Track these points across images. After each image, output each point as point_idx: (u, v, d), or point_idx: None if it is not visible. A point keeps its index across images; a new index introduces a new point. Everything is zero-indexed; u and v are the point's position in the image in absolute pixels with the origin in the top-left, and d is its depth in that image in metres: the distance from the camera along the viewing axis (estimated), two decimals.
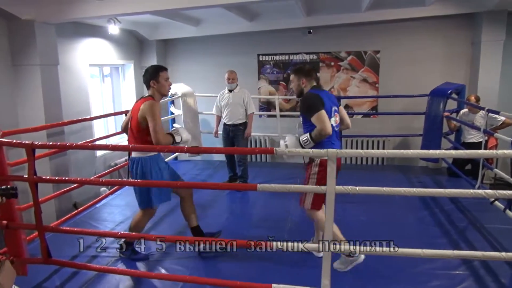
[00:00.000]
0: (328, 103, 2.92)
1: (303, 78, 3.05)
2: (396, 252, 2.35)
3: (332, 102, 3.01)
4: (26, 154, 2.72)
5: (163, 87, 3.17)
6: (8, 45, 4.83)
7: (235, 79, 5.09)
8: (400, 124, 7.05)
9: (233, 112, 5.09)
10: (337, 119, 3.01)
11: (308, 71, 3.06)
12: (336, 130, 3.01)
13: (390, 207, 4.34)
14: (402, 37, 6.97)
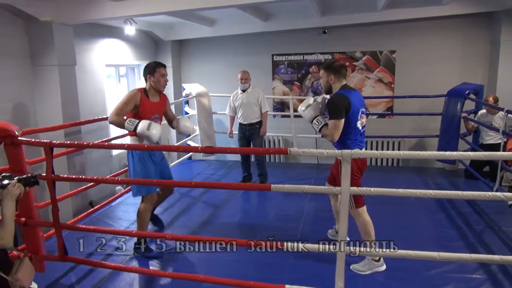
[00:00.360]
0: (356, 105, 2.91)
1: (332, 74, 3.01)
2: (411, 254, 2.32)
3: (361, 103, 3.00)
4: (44, 152, 2.78)
5: (158, 83, 3.34)
6: (28, 46, 4.93)
7: (248, 79, 5.12)
8: (416, 125, 6.96)
9: (248, 112, 5.12)
10: (364, 121, 3.00)
11: (337, 68, 3.02)
12: (362, 131, 3.02)
13: (405, 209, 4.29)
14: (418, 37, 6.87)
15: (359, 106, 2.94)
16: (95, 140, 5.34)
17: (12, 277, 2.07)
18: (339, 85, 3.01)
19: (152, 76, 3.33)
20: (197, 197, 4.83)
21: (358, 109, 2.93)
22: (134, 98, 3.25)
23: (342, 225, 2.36)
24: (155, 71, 3.32)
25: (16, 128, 2.71)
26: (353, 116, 2.90)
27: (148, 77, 3.36)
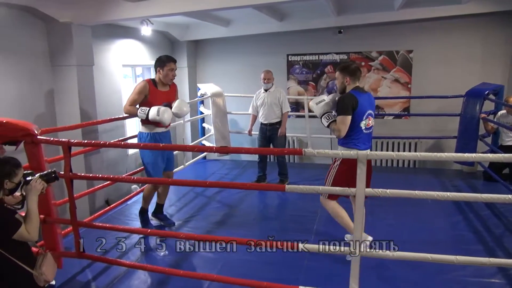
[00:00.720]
0: (364, 106, 3.03)
1: (348, 76, 3.12)
2: (428, 258, 2.28)
3: (370, 106, 3.10)
4: (62, 151, 2.83)
5: (166, 76, 3.59)
6: (47, 47, 5.04)
7: (271, 79, 5.14)
8: (433, 125, 6.85)
9: (268, 112, 5.15)
10: (370, 123, 3.10)
11: (353, 70, 3.14)
12: (366, 133, 3.10)
13: (422, 211, 4.22)
14: (436, 36, 6.76)
15: (367, 108, 3.06)
16: (111, 139, 5.42)
17: (37, 271, 2.14)
18: (352, 87, 3.12)
19: (162, 69, 3.58)
20: (212, 197, 4.85)
21: (365, 111, 3.05)
22: (143, 89, 3.53)
23: (357, 226, 2.34)
24: (165, 65, 3.56)
25: (35, 127, 2.77)
26: (358, 116, 3.02)
27: (158, 70, 3.60)
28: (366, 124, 3.07)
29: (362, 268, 2.38)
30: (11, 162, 2.13)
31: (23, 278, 2.11)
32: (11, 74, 4.57)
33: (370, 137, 3.18)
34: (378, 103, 7.23)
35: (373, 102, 3.22)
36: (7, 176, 2.09)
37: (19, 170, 2.15)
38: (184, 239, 3.37)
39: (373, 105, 3.17)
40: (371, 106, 3.12)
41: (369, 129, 3.12)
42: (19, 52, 4.66)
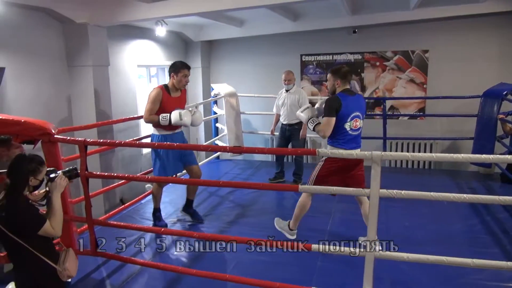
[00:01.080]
0: (349, 109, 3.13)
1: (339, 79, 3.24)
2: (444, 260, 2.24)
3: (357, 108, 3.19)
4: (79, 150, 2.87)
5: (179, 82, 3.67)
6: (64, 47, 5.12)
7: (292, 80, 5.16)
8: (449, 126, 6.74)
9: (288, 113, 5.18)
10: (356, 124, 3.19)
11: (344, 74, 3.24)
12: (353, 134, 3.21)
13: (438, 213, 4.16)
14: (453, 36, 6.65)
15: (353, 110, 3.14)
16: (126, 138, 5.48)
17: (60, 266, 2.19)
18: (341, 89, 3.24)
19: (176, 75, 3.66)
20: (225, 196, 4.87)
21: (350, 113, 3.14)
22: (158, 97, 3.62)
23: (371, 227, 2.32)
24: (179, 71, 3.65)
25: (52, 127, 2.81)
26: (341, 117, 3.12)
27: (172, 75, 3.68)
28: (352, 126, 3.17)
29: (375, 270, 2.35)
30: (35, 160, 2.17)
31: (47, 273, 2.16)
32: (29, 74, 4.67)
33: (358, 138, 3.27)
34: (393, 104, 7.15)
35: (363, 104, 3.30)
36: (32, 173, 2.13)
37: (43, 167, 2.20)
38: (197, 239, 3.38)
39: (361, 107, 3.25)
40: (359, 108, 3.20)
41: (356, 131, 3.21)
42: (37, 52, 4.75)
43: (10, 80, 4.44)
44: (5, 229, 2.03)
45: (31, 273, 2.12)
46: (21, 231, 2.06)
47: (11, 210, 2.04)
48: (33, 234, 2.08)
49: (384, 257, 2.38)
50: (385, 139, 6.15)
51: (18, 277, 2.18)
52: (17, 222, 2.05)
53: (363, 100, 3.36)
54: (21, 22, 4.53)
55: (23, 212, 2.07)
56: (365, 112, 3.34)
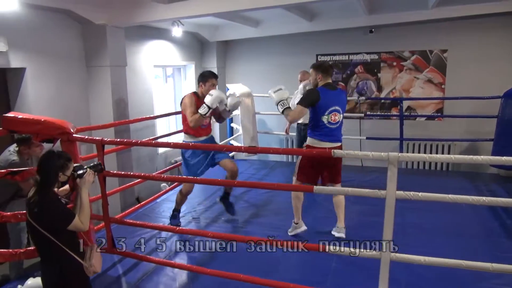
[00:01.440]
0: (328, 102, 3.30)
1: (320, 74, 3.42)
2: (462, 264, 2.20)
3: (336, 102, 3.35)
4: (96, 149, 2.92)
5: (207, 91, 3.74)
6: (83, 48, 5.21)
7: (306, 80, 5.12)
8: (468, 127, 6.61)
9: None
10: (335, 118, 3.35)
11: (326, 68, 3.44)
12: (331, 127, 3.36)
13: (455, 216, 4.08)
14: (472, 35, 6.52)
15: (331, 104, 3.31)
16: (142, 138, 5.54)
17: (87, 262, 2.23)
18: (323, 83, 3.41)
19: (204, 84, 3.82)
20: (239, 196, 4.88)
21: (328, 106, 3.30)
22: (192, 100, 3.79)
23: (387, 228, 2.29)
24: (207, 81, 3.82)
25: (71, 126, 2.87)
26: (319, 109, 3.30)
27: (200, 84, 3.85)
28: (329, 119, 3.32)
29: (391, 273, 2.32)
30: (64, 156, 2.22)
31: (74, 268, 2.21)
32: (48, 75, 4.76)
33: (336, 131, 3.41)
34: (410, 104, 7.05)
35: (343, 98, 3.46)
36: (61, 169, 2.17)
37: (70, 163, 2.25)
38: (212, 238, 3.40)
39: (341, 102, 3.40)
40: (338, 103, 3.35)
41: (334, 124, 3.36)
42: (56, 53, 4.85)
43: (30, 81, 4.55)
44: (37, 225, 2.08)
45: (59, 268, 2.17)
46: (52, 226, 2.11)
47: (42, 206, 2.08)
48: (63, 229, 2.13)
49: (400, 259, 2.35)
50: (402, 140, 6.07)
51: (46, 271, 2.23)
52: (48, 218, 2.09)
53: (344, 95, 3.54)
54: (41, 24, 4.63)
55: (54, 208, 2.12)
56: (345, 107, 3.51)
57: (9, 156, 3.29)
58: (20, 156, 3.33)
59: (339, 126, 3.44)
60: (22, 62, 4.43)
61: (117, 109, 5.36)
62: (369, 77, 7.21)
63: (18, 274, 3.40)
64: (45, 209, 2.08)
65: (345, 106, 3.51)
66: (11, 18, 4.15)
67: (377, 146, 6.62)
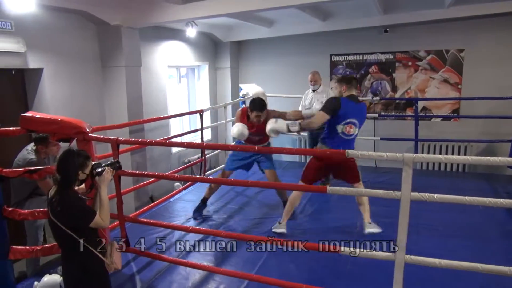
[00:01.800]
0: (347, 113, 3.30)
1: (344, 85, 3.47)
2: (478, 268, 2.16)
3: (356, 115, 3.35)
4: (111, 148, 2.95)
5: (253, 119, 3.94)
6: (98, 49, 5.29)
7: (318, 80, 5.22)
8: (484, 128, 6.49)
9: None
10: (350, 130, 3.36)
11: (349, 80, 3.48)
12: (344, 138, 3.38)
13: (472, 218, 4.01)
14: (490, 34, 6.40)
15: (350, 115, 3.32)
16: (156, 137, 5.59)
17: (108, 259, 2.26)
18: (347, 94, 3.43)
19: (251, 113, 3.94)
20: (252, 196, 4.88)
21: (347, 117, 3.31)
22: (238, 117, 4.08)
23: (401, 230, 2.26)
24: (252, 111, 3.92)
25: (87, 125, 2.90)
26: (336, 118, 3.31)
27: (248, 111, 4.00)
28: (344, 130, 3.34)
29: (405, 275, 2.29)
30: (83, 154, 2.24)
31: (96, 265, 2.24)
32: (65, 75, 4.85)
33: (348, 143, 3.42)
34: (425, 104, 6.96)
35: (363, 114, 3.48)
36: (80, 167, 2.20)
37: (89, 161, 2.26)
38: (224, 238, 3.41)
39: (361, 116, 3.42)
40: (357, 116, 3.36)
41: (348, 136, 3.38)
42: (73, 54, 4.93)
43: (47, 81, 4.63)
44: (60, 223, 2.11)
45: (83, 265, 2.19)
46: (75, 224, 2.13)
47: (64, 205, 2.11)
48: (85, 226, 2.15)
49: (414, 261, 2.31)
50: (417, 141, 5.99)
51: (69, 268, 2.25)
52: (71, 216, 2.12)
53: (365, 110, 3.55)
54: (58, 25, 4.71)
55: (75, 206, 2.14)
56: (363, 122, 3.48)
57: (27, 155, 3.36)
58: (37, 155, 3.39)
59: (352, 139, 3.46)
60: (40, 63, 4.51)
61: (132, 109, 5.42)
62: (384, 77, 7.14)
63: (35, 271, 3.46)
64: (67, 208, 2.11)
65: (363, 121, 3.50)
66: (29, 20, 4.23)
67: (392, 147, 6.53)
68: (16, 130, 2.80)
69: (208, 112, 7.39)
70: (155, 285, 3.00)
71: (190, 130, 5.73)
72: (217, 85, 8.18)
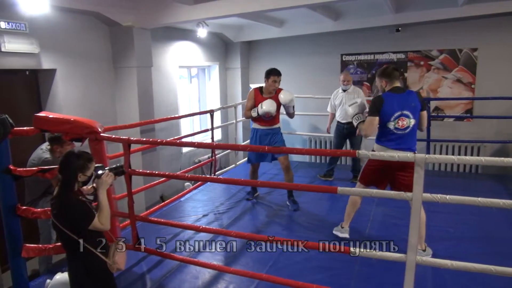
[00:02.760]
0: (393, 107, 3.08)
1: (384, 79, 3.22)
2: (491, 270, 2.12)
3: (403, 106, 3.08)
4: (122, 148, 2.98)
5: (269, 86, 4.33)
6: (110, 49, 5.34)
7: (349, 80, 5.33)
8: (498, 128, 6.39)
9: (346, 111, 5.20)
10: (402, 123, 3.10)
11: (389, 73, 3.20)
12: (399, 133, 3.12)
13: (485, 220, 3.95)
14: (504, 33, 6.29)
15: (396, 108, 3.07)
16: (167, 137, 5.62)
17: (110, 260, 2.27)
18: (390, 87, 3.20)
19: (267, 80, 4.31)
20: (262, 197, 4.88)
21: (394, 111, 3.07)
22: (251, 95, 4.42)
23: (412, 232, 2.24)
24: (269, 77, 4.29)
25: (99, 125, 2.93)
26: (383, 117, 3.09)
27: (265, 80, 4.34)
28: (396, 125, 3.09)
29: (417, 277, 2.27)
30: (84, 156, 2.24)
31: (98, 265, 2.24)
32: (77, 76, 4.90)
33: (406, 137, 3.13)
34: (438, 104, 6.87)
35: (411, 101, 3.11)
36: (80, 170, 2.20)
37: (91, 163, 2.26)
38: (235, 237, 3.41)
39: (409, 105, 3.08)
40: (405, 106, 3.07)
41: (402, 130, 3.10)
42: (85, 54, 4.98)
43: (60, 81, 4.69)
44: (59, 224, 2.13)
45: (84, 266, 2.21)
46: (73, 226, 2.15)
47: (61, 207, 2.14)
48: (83, 229, 2.17)
49: (426, 263, 2.29)
50: (429, 141, 5.92)
51: (72, 269, 2.28)
52: (68, 218, 2.14)
53: (414, 97, 3.15)
54: (71, 26, 4.77)
55: (73, 209, 2.15)
56: (417, 109, 3.13)
57: (43, 154, 3.40)
58: (52, 154, 3.44)
59: (410, 132, 3.13)
60: (53, 64, 4.57)
61: (143, 109, 5.46)
62: None
63: (47, 269, 3.51)
64: (64, 210, 2.13)
65: (418, 109, 3.13)
66: (42, 21, 4.29)
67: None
68: (29, 130, 2.83)
69: (219, 112, 7.41)
70: (165, 284, 3.01)
71: (201, 130, 5.75)
72: (228, 85, 8.20)
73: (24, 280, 2.89)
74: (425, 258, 2.27)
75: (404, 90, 3.19)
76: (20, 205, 2.84)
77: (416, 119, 3.12)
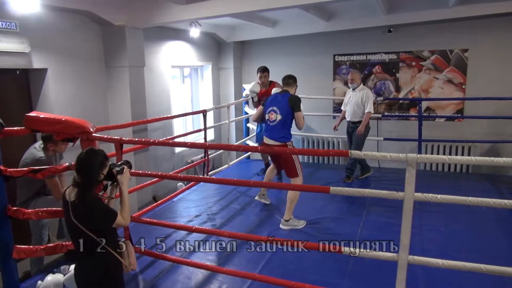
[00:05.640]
0: (268, 104, 4.04)
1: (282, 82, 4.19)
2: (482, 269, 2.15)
3: (274, 104, 3.97)
4: (115, 148, 2.96)
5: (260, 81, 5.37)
6: (103, 49, 5.30)
7: (355, 79, 5.37)
8: (489, 129, 6.46)
9: (352, 110, 5.40)
10: (271, 116, 3.97)
11: (283, 79, 4.14)
12: (270, 124, 3.99)
13: (476, 219, 3.99)
14: (495, 34, 6.36)
15: (269, 105, 4.00)
16: (159, 137, 5.60)
17: (126, 261, 2.25)
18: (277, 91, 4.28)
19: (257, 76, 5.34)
20: (255, 196, 4.88)
21: (268, 107, 4.01)
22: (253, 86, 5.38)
23: (404, 231, 2.25)
24: (257, 74, 5.36)
25: (91, 125, 2.91)
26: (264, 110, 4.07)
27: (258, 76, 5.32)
28: (268, 117, 3.98)
29: (408, 276, 2.29)
30: (101, 153, 2.17)
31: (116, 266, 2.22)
32: (69, 75, 4.86)
33: (275, 128, 3.94)
34: (429, 105, 6.93)
35: (281, 101, 3.92)
36: (101, 167, 2.14)
37: (108, 161, 2.20)
38: (227, 237, 3.41)
39: (278, 104, 3.93)
40: (275, 104, 3.95)
41: (272, 122, 3.97)
42: (77, 54, 4.95)
43: (51, 81, 4.65)
44: (82, 226, 2.05)
45: (101, 265, 2.15)
46: (97, 226, 2.09)
47: (87, 207, 2.06)
48: (107, 228, 2.13)
49: (417, 262, 2.31)
50: (420, 141, 5.98)
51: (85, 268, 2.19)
52: (94, 218, 2.08)
53: (284, 99, 3.92)
54: (62, 25, 4.73)
55: (98, 208, 2.10)
56: (285, 107, 3.88)
57: (37, 153, 3.37)
58: (46, 152, 3.41)
59: (276, 125, 3.92)
60: (44, 63, 4.53)
61: (135, 109, 5.43)
62: (387, 77, 7.12)
63: (39, 270, 3.48)
64: (90, 210, 2.06)
65: (283, 107, 3.91)
66: (33, 20, 4.25)
67: (395, 147, 6.54)
68: (20, 130, 2.81)
69: (211, 112, 7.40)
70: (158, 285, 3.01)
71: (193, 130, 5.74)
72: (220, 85, 8.20)
73: (15, 281, 2.86)
74: (417, 257, 2.28)
75: (281, 93, 4.04)
76: (11, 206, 2.81)
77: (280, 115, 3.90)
